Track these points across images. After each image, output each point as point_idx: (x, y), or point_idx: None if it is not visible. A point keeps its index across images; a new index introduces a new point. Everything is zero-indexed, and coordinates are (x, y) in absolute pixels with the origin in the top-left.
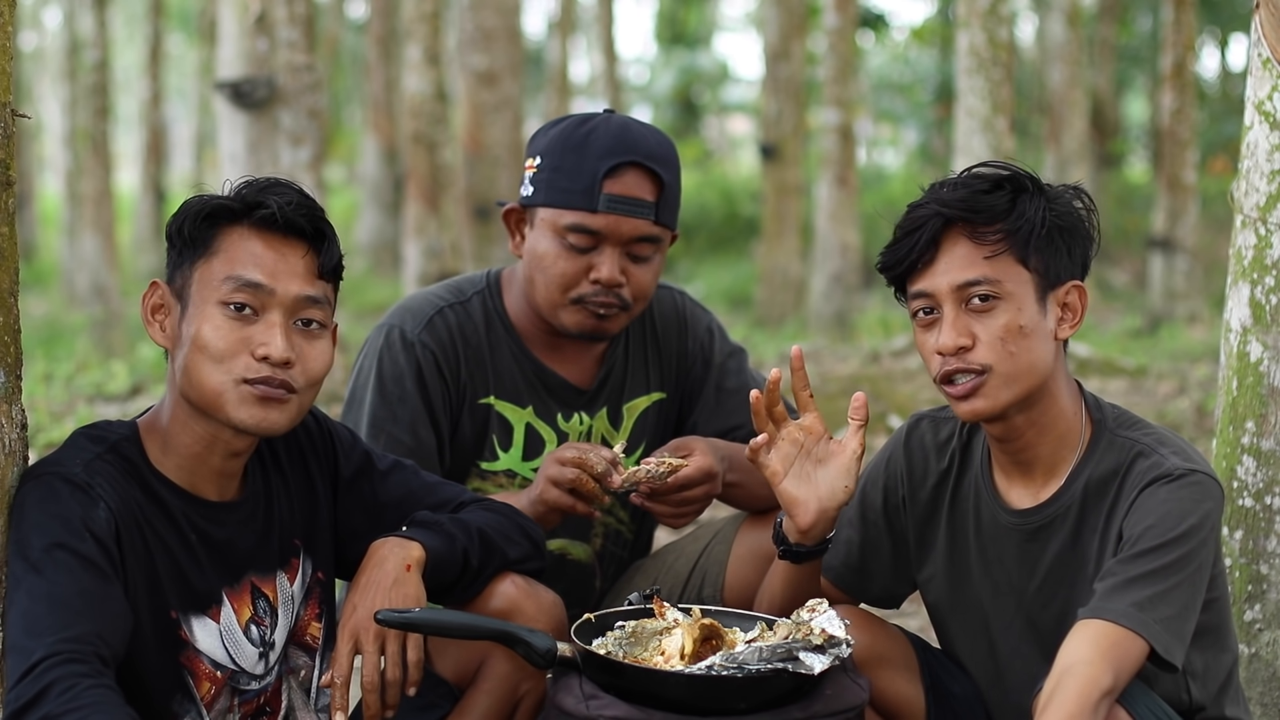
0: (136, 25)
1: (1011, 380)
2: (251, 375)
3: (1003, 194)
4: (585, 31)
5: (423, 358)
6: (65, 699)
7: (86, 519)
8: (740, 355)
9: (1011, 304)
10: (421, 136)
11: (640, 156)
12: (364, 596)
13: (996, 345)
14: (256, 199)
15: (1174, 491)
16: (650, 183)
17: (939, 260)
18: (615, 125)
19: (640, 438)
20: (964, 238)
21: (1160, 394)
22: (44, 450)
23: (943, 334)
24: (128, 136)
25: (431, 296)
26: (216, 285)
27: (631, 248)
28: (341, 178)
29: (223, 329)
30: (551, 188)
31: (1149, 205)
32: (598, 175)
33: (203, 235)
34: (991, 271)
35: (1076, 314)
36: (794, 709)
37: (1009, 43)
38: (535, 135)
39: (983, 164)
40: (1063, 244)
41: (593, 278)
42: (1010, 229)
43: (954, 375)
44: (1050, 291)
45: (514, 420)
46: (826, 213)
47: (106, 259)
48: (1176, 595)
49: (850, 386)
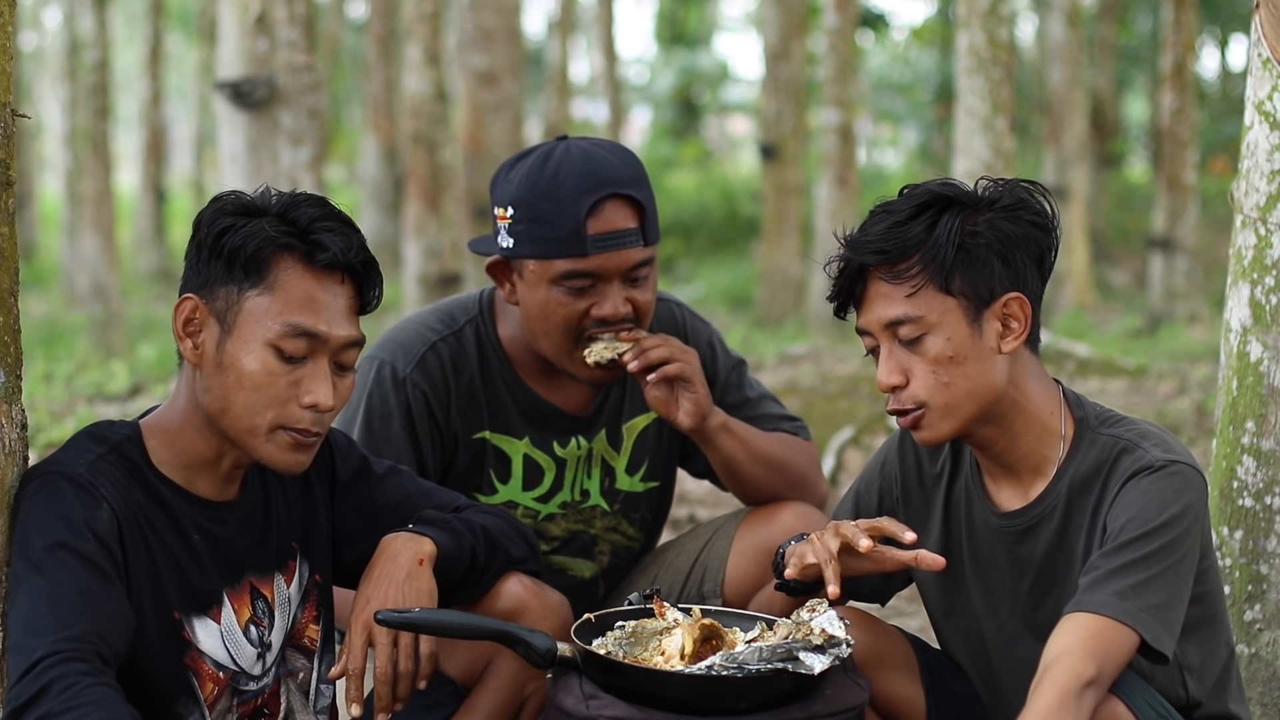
0: (136, 25)
1: (950, 409)
2: (293, 424)
3: (919, 221)
4: (585, 31)
5: (413, 397)
6: (65, 697)
7: (89, 519)
8: (741, 368)
9: (939, 334)
10: (421, 136)
11: (615, 186)
12: (377, 590)
13: (929, 379)
14: (317, 238)
15: (1155, 482)
16: (630, 209)
17: (866, 301)
18: (578, 158)
19: (641, 457)
20: (882, 280)
21: (1160, 394)
22: (44, 450)
23: (879, 372)
24: (128, 136)
25: (423, 328)
26: (269, 324)
27: (628, 275)
28: (341, 178)
29: (274, 372)
30: (535, 239)
31: (1149, 205)
32: (579, 218)
33: (257, 263)
34: (913, 308)
35: (1021, 324)
36: (794, 709)
37: (1009, 43)
38: (496, 181)
39: (915, 185)
40: (992, 258)
41: (597, 316)
42: (926, 258)
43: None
44: (984, 309)
45: (511, 452)
46: (826, 213)
47: (106, 259)
48: (1161, 584)
49: (850, 387)
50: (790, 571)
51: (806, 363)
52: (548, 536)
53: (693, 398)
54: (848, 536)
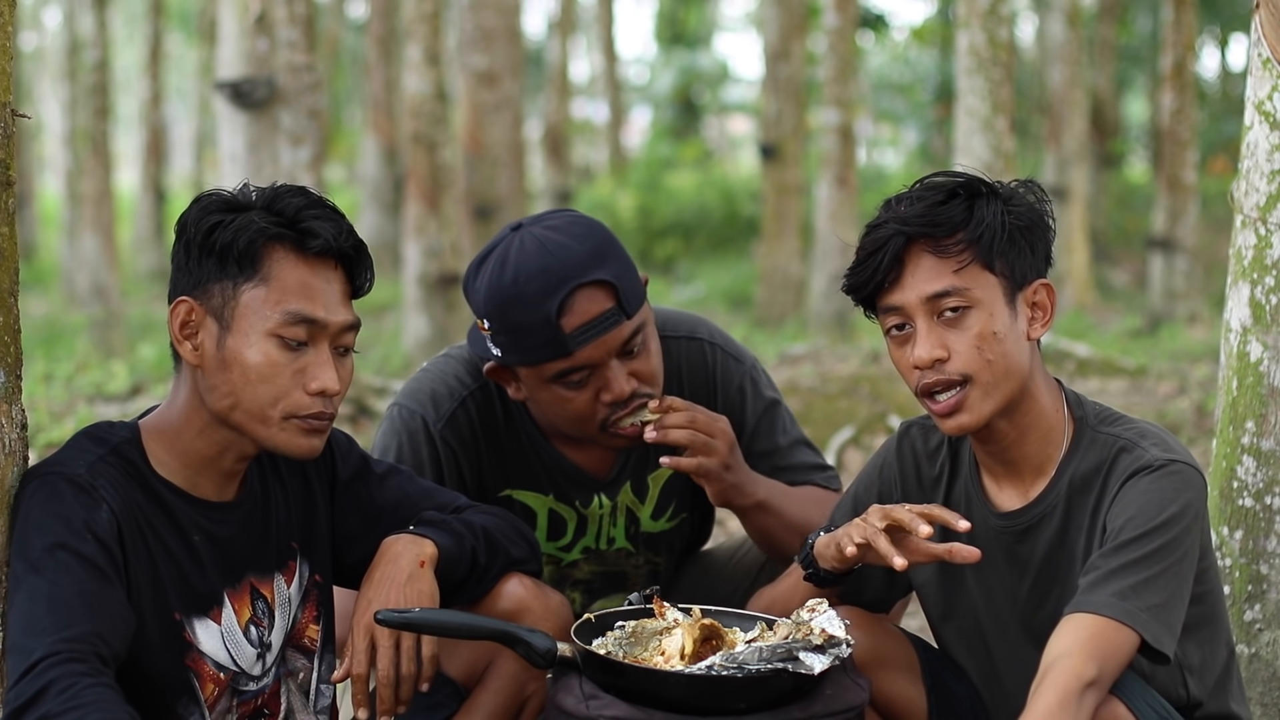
0: (136, 25)
1: (992, 388)
2: (303, 411)
3: (958, 202)
4: (585, 31)
5: (443, 453)
6: (64, 698)
7: (89, 520)
8: (773, 411)
9: (983, 311)
10: (421, 136)
11: (577, 277)
12: (379, 592)
13: (973, 354)
14: (307, 226)
15: (1154, 482)
16: (601, 290)
17: (905, 276)
18: (533, 255)
19: (667, 503)
20: (927, 253)
21: (1160, 394)
22: (44, 450)
23: (918, 348)
24: (128, 136)
25: (454, 381)
26: (267, 315)
27: (623, 352)
28: (341, 178)
29: (278, 362)
30: (518, 349)
31: (1149, 205)
32: (551, 320)
33: (250, 256)
34: (960, 281)
35: (1047, 312)
36: (794, 709)
37: (1009, 43)
38: (467, 286)
39: (934, 174)
40: (1025, 243)
41: (606, 400)
42: (971, 237)
43: (934, 390)
44: (1019, 292)
45: (536, 506)
46: (826, 213)
47: (106, 259)
48: (1161, 583)
49: (850, 387)
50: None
51: (806, 363)
52: (572, 581)
53: (715, 488)
54: (903, 520)
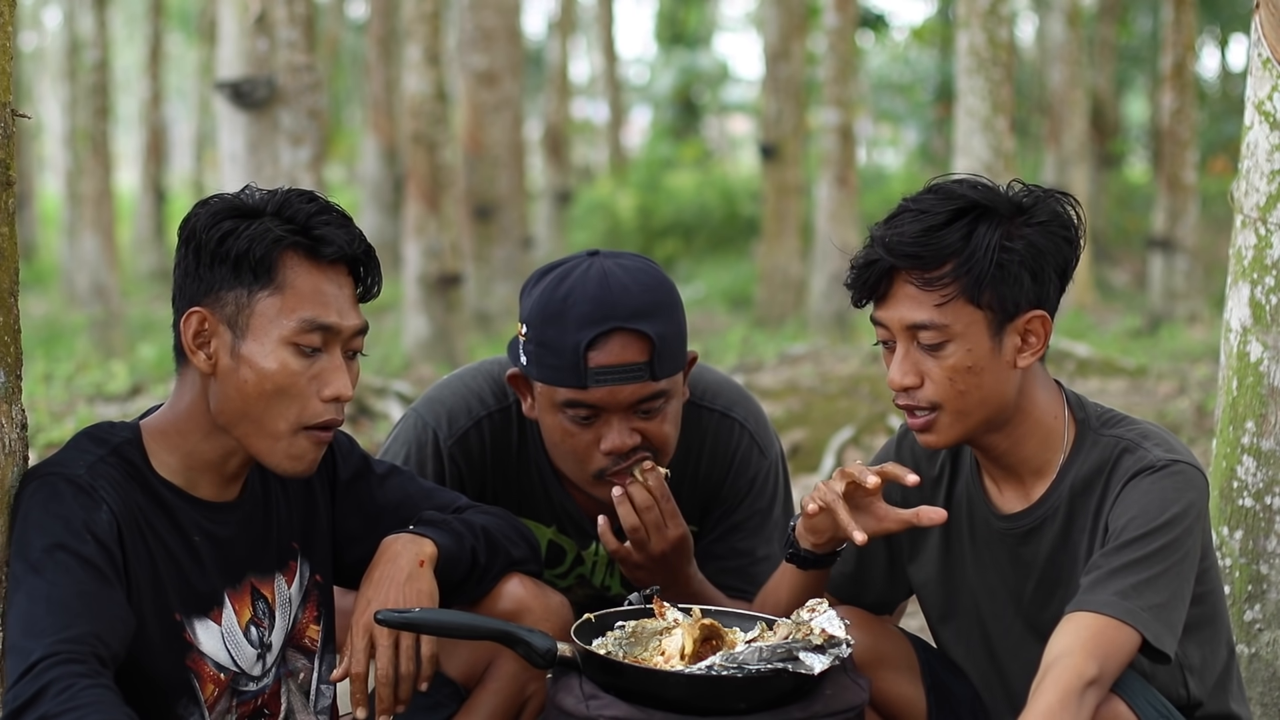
0: (136, 25)
1: (963, 415)
2: (317, 420)
3: (959, 226)
4: (585, 31)
5: (449, 470)
6: (63, 699)
7: (89, 521)
8: (765, 517)
9: (961, 344)
10: (421, 136)
11: (621, 320)
12: (378, 591)
13: (945, 384)
14: (320, 233)
15: (1156, 482)
16: (639, 342)
17: (889, 298)
18: (594, 284)
19: None
20: (910, 283)
21: (1160, 394)
22: (44, 450)
23: (892, 370)
24: (128, 136)
25: (474, 398)
26: (283, 322)
27: (637, 409)
28: (341, 178)
29: (294, 369)
30: (540, 364)
31: (1149, 205)
32: (579, 350)
33: (265, 264)
34: (940, 317)
35: (1039, 342)
36: (794, 709)
37: (1009, 43)
38: (524, 289)
39: (950, 179)
40: (1023, 273)
41: (604, 450)
42: (960, 270)
43: (906, 408)
44: (1008, 323)
45: (537, 534)
46: (826, 213)
47: (106, 259)
48: (1163, 583)
49: (850, 387)
50: (802, 525)
51: (806, 363)
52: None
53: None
54: (854, 474)
